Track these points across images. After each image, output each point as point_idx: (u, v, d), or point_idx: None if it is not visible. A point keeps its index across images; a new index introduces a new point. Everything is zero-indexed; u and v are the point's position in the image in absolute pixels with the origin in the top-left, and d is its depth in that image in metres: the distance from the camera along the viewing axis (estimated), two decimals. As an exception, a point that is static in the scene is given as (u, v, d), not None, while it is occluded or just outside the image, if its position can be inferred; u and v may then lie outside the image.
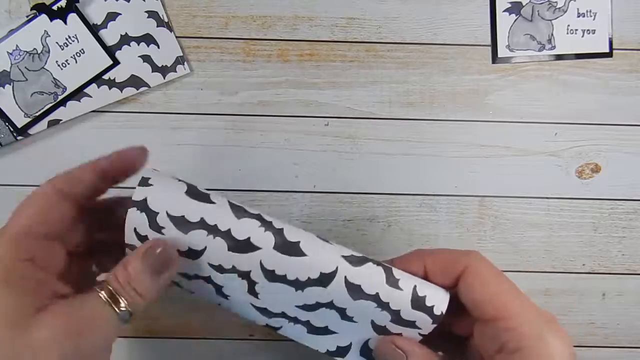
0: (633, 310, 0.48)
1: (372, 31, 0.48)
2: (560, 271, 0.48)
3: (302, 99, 0.47)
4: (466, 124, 0.48)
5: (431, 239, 0.48)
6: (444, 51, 0.48)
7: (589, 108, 0.48)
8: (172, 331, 0.47)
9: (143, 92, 0.47)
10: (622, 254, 0.48)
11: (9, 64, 0.45)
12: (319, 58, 0.48)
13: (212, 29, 0.47)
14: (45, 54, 0.45)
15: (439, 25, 0.48)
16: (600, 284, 0.48)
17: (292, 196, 0.48)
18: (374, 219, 0.48)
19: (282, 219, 0.32)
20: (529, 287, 0.48)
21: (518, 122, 0.48)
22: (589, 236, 0.48)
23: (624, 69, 0.48)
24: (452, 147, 0.48)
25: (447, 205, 0.48)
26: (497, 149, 0.48)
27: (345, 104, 0.48)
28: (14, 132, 0.46)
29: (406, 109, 0.48)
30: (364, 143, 0.48)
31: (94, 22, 0.46)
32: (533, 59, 0.48)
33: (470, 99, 0.48)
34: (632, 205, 0.48)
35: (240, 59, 0.47)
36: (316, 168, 0.48)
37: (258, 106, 0.47)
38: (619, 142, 0.48)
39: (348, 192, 0.48)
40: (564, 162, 0.48)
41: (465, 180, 0.48)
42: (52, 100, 0.46)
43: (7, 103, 0.45)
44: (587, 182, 0.48)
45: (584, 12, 0.48)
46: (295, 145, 0.47)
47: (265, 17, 0.47)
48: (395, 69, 0.48)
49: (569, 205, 0.48)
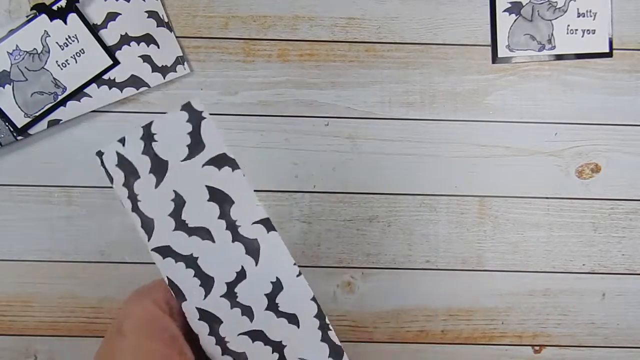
0: (633, 310, 0.48)
1: (372, 31, 0.48)
2: (560, 271, 0.48)
3: (302, 99, 0.47)
4: (466, 124, 0.48)
5: (431, 239, 0.48)
6: (444, 51, 0.48)
7: (589, 108, 0.48)
8: (172, 331, 0.48)
9: (143, 92, 0.47)
10: (622, 254, 0.48)
11: (9, 64, 0.45)
12: (319, 58, 0.48)
13: (212, 29, 0.47)
14: (45, 54, 0.45)
15: (439, 25, 0.48)
16: (600, 284, 0.48)
17: (292, 196, 0.48)
18: (374, 219, 0.48)
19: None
20: (529, 287, 0.48)
21: (518, 122, 0.48)
22: (589, 236, 0.48)
23: (624, 69, 0.48)
24: (452, 147, 0.48)
25: (447, 205, 0.48)
26: (497, 149, 0.48)
27: (345, 104, 0.48)
28: (14, 132, 0.46)
29: (406, 109, 0.48)
30: (363, 143, 0.48)
31: (94, 22, 0.46)
32: (533, 59, 0.48)
33: (470, 99, 0.48)
34: (632, 205, 0.48)
35: (240, 59, 0.47)
36: (316, 168, 0.48)
37: (258, 106, 0.47)
38: (619, 142, 0.48)
39: (348, 192, 0.48)
40: (564, 162, 0.48)
41: (465, 180, 0.48)
42: (52, 100, 0.46)
43: (7, 103, 0.45)
44: (587, 182, 0.48)
45: (584, 12, 0.48)
46: (295, 145, 0.47)
47: (265, 17, 0.47)
48: (395, 69, 0.48)
49: (569, 205, 0.48)
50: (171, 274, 0.34)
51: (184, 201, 0.33)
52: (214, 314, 0.34)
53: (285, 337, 0.35)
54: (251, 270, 0.34)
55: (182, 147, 0.33)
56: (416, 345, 0.48)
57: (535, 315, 0.48)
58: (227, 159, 0.33)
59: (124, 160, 0.33)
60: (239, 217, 0.33)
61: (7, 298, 0.46)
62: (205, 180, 0.33)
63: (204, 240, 0.33)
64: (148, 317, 0.31)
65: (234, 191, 0.33)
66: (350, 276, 0.48)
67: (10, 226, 0.47)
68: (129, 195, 0.33)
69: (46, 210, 0.47)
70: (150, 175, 0.33)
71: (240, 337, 0.35)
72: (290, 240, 0.47)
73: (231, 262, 0.34)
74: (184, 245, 0.34)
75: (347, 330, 0.48)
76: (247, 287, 0.34)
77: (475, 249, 0.48)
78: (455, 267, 0.48)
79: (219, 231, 0.33)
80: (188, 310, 0.34)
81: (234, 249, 0.34)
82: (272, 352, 0.36)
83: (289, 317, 0.35)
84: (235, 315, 0.35)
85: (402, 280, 0.48)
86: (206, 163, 0.33)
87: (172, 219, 0.33)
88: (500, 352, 0.48)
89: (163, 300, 0.33)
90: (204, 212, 0.33)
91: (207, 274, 0.34)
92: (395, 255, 0.48)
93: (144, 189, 0.33)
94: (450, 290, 0.48)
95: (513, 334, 0.48)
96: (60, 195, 0.47)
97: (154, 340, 0.31)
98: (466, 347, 0.48)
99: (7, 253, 0.47)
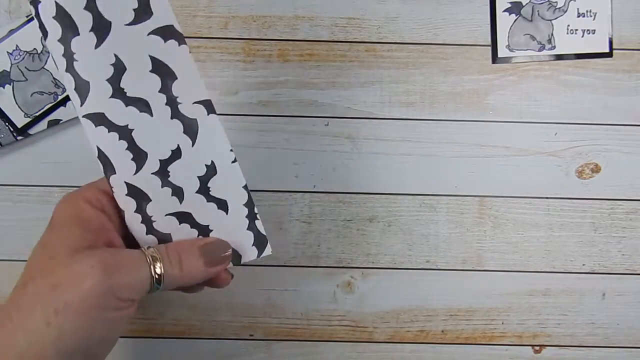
0: (633, 310, 0.48)
1: (372, 31, 0.48)
2: (560, 271, 0.48)
3: (302, 99, 0.47)
4: (466, 124, 0.48)
5: (431, 239, 0.48)
6: (444, 51, 0.48)
7: (589, 108, 0.48)
8: (172, 331, 0.48)
9: (143, 92, 0.47)
10: (622, 254, 0.48)
11: (9, 64, 0.45)
12: (319, 58, 0.48)
13: (212, 29, 0.47)
14: (45, 54, 0.45)
15: (439, 25, 0.48)
16: (600, 284, 0.48)
17: (292, 196, 0.48)
18: (374, 219, 0.48)
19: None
20: (529, 287, 0.48)
21: (518, 122, 0.48)
22: (589, 236, 0.48)
23: (624, 69, 0.48)
24: (452, 147, 0.48)
25: (447, 205, 0.48)
26: (497, 149, 0.48)
27: (345, 104, 0.48)
28: (14, 132, 0.46)
29: (406, 109, 0.48)
30: (363, 143, 0.48)
31: (94, 22, 0.46)
32: (533, 59, 0.48)
33: (470, 99, 0.48)
34: (632, 205, 0.48)
35: (240, 59, 0.47)
36: (316, 168, 0.48)
37: (258, 106, 0.47)
38: (619, 142, 0.48)
39: (348, 192, 0.48)
40: (564, 162, 0.48)
41: (465, 180, 0.48)
42: (52, 100, 0.46)
43: (7, 103, 0.45)
44: (587, 182, 0.48)
45: (584, 12, 0.48)
46: (295, 145, 0.47)
47: (265, 17, 0.47)
48: (395, 69, 0.48)
49: (569, 205, 0.48)
50: (102, 144, 0.32)
51: (124, 67, 0.31)
52: (143, 191, 0.33)
53: (212, 222, 0.35)
54: (187, 151, 0.33)
55: (128, 10, 0.30)
56: (416, 345, 0.48)
57: (535, 315, 0.48)
58: (174, 32, 0.31)
59: (63, 12, 0.30)
60: (181, 94, 0.32)
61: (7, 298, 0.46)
62: (149, 49, 0.31)
63: (142, 113, 0.32)
64: (76, 210, 0.33)
65: (178, 66, 0.31)
66: (350, 276, 0.48)
67: (10, 226, 0.47)
68: (64, 53, 0.30)
69: (46, 210, 0.47)
70: (90, 33, 0.30)
71: (168, 218, 0.34)
72: (290, 240, 0.47)
73: (167, 139, 0.32)
74: (119, 115, 0.31)
75: (347, 330, 0.48)
76: (181, 167, 0.33)
77: (475, 249, 0.48)
78: (455, 267, 0.48)
79: (158, 105, 0.32)
80: (116, 184, 0.33)
81: (171, 126, 0.32)
82: (198, 235, 0.35)
83: (219, 202, 0.34)
84: (165, 194, 0.33)
85: (402, 280, 0.48)
86: (152, 32, 0.31)
87: (110, 85, 0.31)
88: (500, 352, 0.48)
89: (94, 198, 0.33)
90: (144, 83, 0.31)
91: (141, 148, 0.32)
92: (395, 255, 0.48)
93: (82, 48, 0.30)
94: (450, 290, 0.48)
95: (513, 334, 0.48)
96: (60, 195, 0.47)
97: (79, 228, 0.32)
98: (466, 347, 0.48)
99: (7, 253, 0.47)
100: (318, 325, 0.48)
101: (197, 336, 0.48)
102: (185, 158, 0.33)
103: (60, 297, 0.29)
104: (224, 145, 0.34)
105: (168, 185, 0.33)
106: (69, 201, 0.34)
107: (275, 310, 0.48)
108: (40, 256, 0.32)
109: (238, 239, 0.35)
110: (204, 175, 0.34)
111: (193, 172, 0.33)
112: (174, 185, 0.33)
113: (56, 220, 0.33)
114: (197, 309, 0.47)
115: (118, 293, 0.31)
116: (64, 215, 0.33)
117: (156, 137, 0.32)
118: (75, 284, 0.30)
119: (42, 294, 0.30)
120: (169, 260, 0.33)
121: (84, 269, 0.30)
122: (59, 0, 0.30)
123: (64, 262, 0.30)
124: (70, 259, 0.30)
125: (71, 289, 0.29)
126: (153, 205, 0.33)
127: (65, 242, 0.31)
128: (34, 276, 0.31)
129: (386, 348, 0.48)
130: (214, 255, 0.34)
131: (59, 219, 0.33)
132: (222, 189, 0.34)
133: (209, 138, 0.33)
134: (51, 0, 0.30)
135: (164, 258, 0.32)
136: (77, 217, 0.32)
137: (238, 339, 0.48)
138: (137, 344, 0.48)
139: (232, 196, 0.35)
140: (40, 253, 0.32)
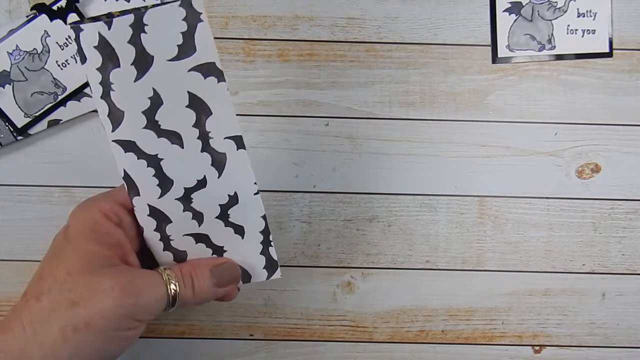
0: (633, 310, 0.48)
1: (372, 31, 0.48)
2: (560, 271, 0.48)
3: (302, 99, 0.47)
4: (466, 124, 0.48)
5: (431, 239, 0.48)
6: (444, 51, 0.48)
7: (589, 108, 0.48)
8: (173, 331, 0.48)
9: (143, 92, 0.47)
10: (622, 254, 0.48)
11: (9, 64, 0.45)
12: (319, 58, 0.48)
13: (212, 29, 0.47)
14: (45, 54, 0.45)
15: (439, 25, 0.48)
16: (600, 284, 0.48)
17: (292, 196, 0.48)
18: (374, 219, 0.48)
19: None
20: (529, 287, 0.48)
21: (518, 122, 0.48)
22: (589, 236, 0.48)
23: (624, 69, 0.48)
24: (452, 147, 0.48)
25: (447, 205, 0.48)
26: (497, 149, 0.48)
27: (345, 104, 0.48)
28: (14, 132, 0.46)
29: (406, 109, 0.48)
30: (363, 143, 0.48)
31: (94, 22, 0.46)
32: (533, 59, 0.48)
33: (470, 99, 0.48)
34: (632, 205, 0.48)
35: (240, 59, 0.47)
36: (316, 168, 0.48)
37: (258, 106, 0.47)
38: (619, 142, 0.48)
39: (348, 192, 0.48)
40: (564, 162, 0.48)
41: (465, 180, 0.48)
42: (52, 100, 0.46)
43: (7, 103, 0.45)
44: (587, 182, 0.48)
45: (584, 12, 0.48)
46: (295, 145, 0.47)
47: (265, 17, 0.47)
48: (395, 69, 0.48)
49: (569, 205, 0.48)
50: (129, 168, 0.32)
51: (161, 101, 0.31)
52: (164, 214, 0.33)
53: (227, 244, 0.35)
54: (212, 181, 0.33)
55: (172, 46, 0.30)
56: (416, 345, 0.48)
57: (535, 316, 0.48)
58: (215, 69, 0.31)
59: (105, 43, 0.30)
60: (213, 129, 0.32)
61: (7, 298, 0.46)
62: (188, 85, 0.31)
63: (173, 145, 0.32)
64: (93, 224, 0.33)
65: (214, 103, 0.32)
66: (350, 276, 0.48)
67: (10, 226, 0.47)
68: (101, 81, 0.30)
69: (46, 210, 0.47)
70: (132, 67, 0.30)
71: (185, 237, 0.34)
72: (290, 240, 0.47)
73: (195, 170, 0.33)
74: (150, 145, 0.32)
75: (347, 330, 0.48)
76: (204, 196, 0.33)
77: (475, 249, 0.48)
78: (455, 267, 0.48)
79: (190, 138, 0.32)
80: (138, 205, 0.33)
81: (200, 159, 0.33)
82: (212, 254, 0.35)
83: (236, 227, 0.35)
84: (186, 218, 0.34)
85: (402, 280, 0.48)
86: (193, 68, 0.31)
87: (145, 116, 0.31)
88: (500, 352, 0.48)
89: (111, 211, 0.33)
90: (179, 117, 0.31)
91: (168, 176, 0.32)
92: (395, 255, 0.48)
93: (120, 80, 0.30)
94: (450, 290, 0.48)
95: (513, 334, 0.48)
96: (60, 195, 0.47)
97: (97, 243, 0.32)
98: (466, 347, 0.48)
99: (7, 253, 0.47)
100: (318, 325, 0.48)
101: (197, 336, 0.48)
102: (210, 188, 0.33)
103: (80, 315, 0.30)
104: (249, 179, 0.34)
105: (189, 210, 0.34)
106: (85, 211, 0.34)
107: (275, 310, 0.48)
108: (56, 269, 0.32)
109: (250, 261, 0.36)
110: (226, 203, 0.34)
111: (215, 201, 0.34)
112: (195, 211, 0.34)
113: (72, 232, 0.33)
114: (197, 309, 0.47)
115: (136, 315, 0.32)
116: (80, 228, 0.33)
117: (184, 168, 0.33)
118: (96, 304, 0.30)
119: (60, 310, 0.30)
120: (183, 282, 0.34)
121: (103, 289, 0.31)
122: (102, 32, 0.29)
123: (82, 280, 0.31)
124: (89, 278, 0.31)
125: (91, 309, 0.30)
126: (173, 226, 0.34)
127: (82, 257, 0.32)
128: (51, 289, 0.31)
129: (386, 348, 0.48)
130: (224, 277, 0.35)
131: (75, 230, 0.33)
132: (241, 217, 0.35)
133: (236, 171, 0.34)
134: (94, 30, 0.29)
135: (179, 280, 0.34)
136: (94, 230, 0.33)
137: (238, 339, 0.48)
138: (137, 344, 0.47)
139: (250, 224, 0.35)
140: (55, 265, 0.32)
